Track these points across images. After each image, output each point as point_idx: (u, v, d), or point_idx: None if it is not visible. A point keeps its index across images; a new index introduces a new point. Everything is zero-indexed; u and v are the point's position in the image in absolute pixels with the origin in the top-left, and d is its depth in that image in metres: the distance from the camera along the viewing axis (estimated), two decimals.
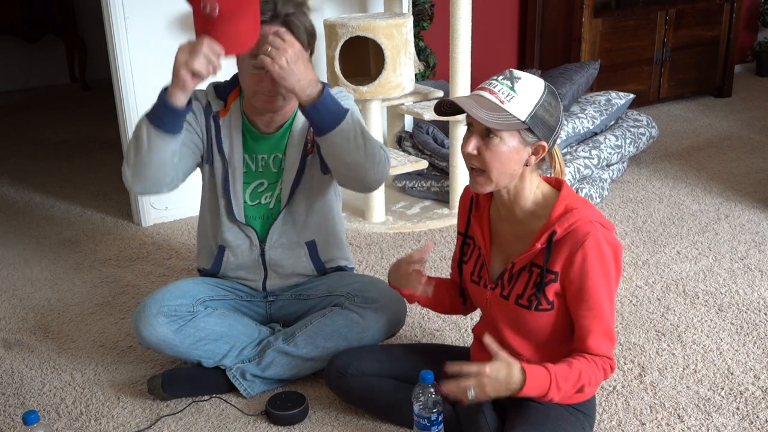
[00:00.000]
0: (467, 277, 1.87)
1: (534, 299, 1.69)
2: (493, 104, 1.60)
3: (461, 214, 1.89)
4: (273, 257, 2.21)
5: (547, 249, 1.66)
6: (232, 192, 2.16)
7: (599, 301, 1.65)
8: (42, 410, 2.13)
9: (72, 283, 2.89)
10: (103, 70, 4.72)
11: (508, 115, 1.60)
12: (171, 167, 2.01)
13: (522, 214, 1.72)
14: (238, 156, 2.15)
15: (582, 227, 1.63)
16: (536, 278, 1.69)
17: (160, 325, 2.06)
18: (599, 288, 1.64)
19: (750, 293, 2.62)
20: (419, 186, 3.58)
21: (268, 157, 2.16)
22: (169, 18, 3.25)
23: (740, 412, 2.01)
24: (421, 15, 4.11)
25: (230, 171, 2.15)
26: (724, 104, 5.10)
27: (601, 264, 1.64)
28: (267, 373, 2.13)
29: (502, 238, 1.78)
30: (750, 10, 5.76)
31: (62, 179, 4.11)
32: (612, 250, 1.65)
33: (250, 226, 2.19)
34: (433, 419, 1.82)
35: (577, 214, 1.64)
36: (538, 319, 1.71)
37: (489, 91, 1.62)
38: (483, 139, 1.64)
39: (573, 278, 1.65)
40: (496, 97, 1.61)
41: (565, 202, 1.67)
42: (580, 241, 1.62)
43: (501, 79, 1.63)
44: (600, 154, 3.53)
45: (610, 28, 4.66)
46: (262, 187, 2.18)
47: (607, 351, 1.68)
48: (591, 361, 1.66)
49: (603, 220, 1.67)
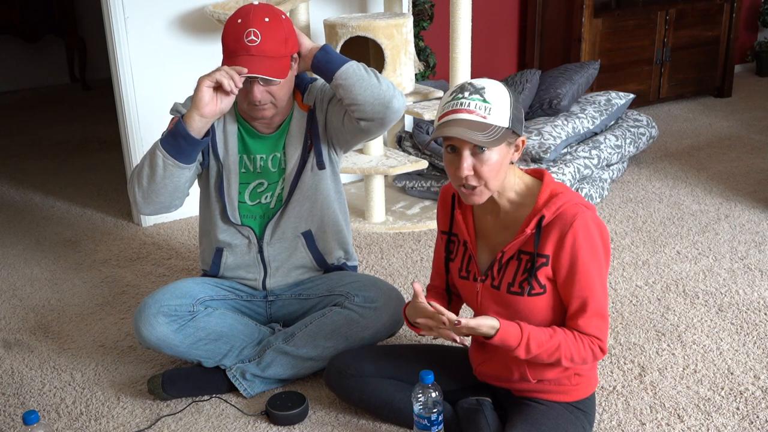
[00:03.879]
0: (455, 273, 1.87)
1: (526, 285, 1.70)
2: (479, 123, 1.61)
3: (442, 214, 1.90)
4: (271, 253, 2.21)
5: (537, 233, 1.68)
6: (226, 195, 2.16)
7: (590, 282, 1.67)
8: (42, 410, 2.13)
9: (72, 283, 2.89)
10: (103, 70, 4.72)
11: (495, 128, 1.62)
12: (183, 191, 2.08)
13: (508, 205, 1.75)
14: (233, 158, 2.15)
15: (569, 210, 1.66)
16: (526, 264, 1.71)
17: (160, 325, 2.06)
18: (590, 268, 1.66)
19: (750, 293, 2.62)
20: (419, 186, 3.58)
21: (267, 157, 2.17)
22: (169, 18, 3.25)
23: (740, 412, 2.01)
24: (421, 15, 4.12)
25: (225, 174, 2.15)
26: (724, 104, 5.10)
27: (591, 244, 1.66)
28: (267, 373, 2.14)
29: (488, 230, 1.79)
30: (750, 10, 5.76)
31: (62, 179, 4.11)
32: (599, 230, 1.69)
33: (247, 225, 2.19)
34: (433, 419, 1.82)
35: (563, 198, 1.67)
36: (532, 305, 1.71)
37: (466, 111, 1.62)
38: (475, 157, 1.64)
39: (564, 261, 1.67)
40: (477, 114, 1.61)
41: (549, 188, 1.70)
42: (569, 224, 1.65)
43: (468, 95, 1.63)
44: (600, 154, 3.52)
45: (610, 28, 4.66)
46: (262, 187, 2.18)
47: (598, 331, 1.69)
48: (578, 339, 1.68)
49: (586, 202, 1.70)
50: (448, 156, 1.68)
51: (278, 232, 2.20)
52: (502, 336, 1.65)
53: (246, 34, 1.97)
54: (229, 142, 2.14)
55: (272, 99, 2.05)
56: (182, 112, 2.08)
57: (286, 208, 2.18)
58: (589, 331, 1.68)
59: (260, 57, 1.97)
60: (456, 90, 1.65)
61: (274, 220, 2.19)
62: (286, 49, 2.02)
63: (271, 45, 1.98)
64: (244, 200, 2.19)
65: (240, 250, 2.22)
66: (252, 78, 1.99)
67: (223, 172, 2.15)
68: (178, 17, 3.26)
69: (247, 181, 2.18)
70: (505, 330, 1.65)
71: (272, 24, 2.00)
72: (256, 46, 1.97)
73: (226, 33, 2.01)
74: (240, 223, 2.18)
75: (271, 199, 2.19)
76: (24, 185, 4.04)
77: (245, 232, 2.19)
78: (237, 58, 1.97)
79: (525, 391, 1.83)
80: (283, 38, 2.01)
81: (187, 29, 3.29)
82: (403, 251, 3.06)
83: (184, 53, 3.30)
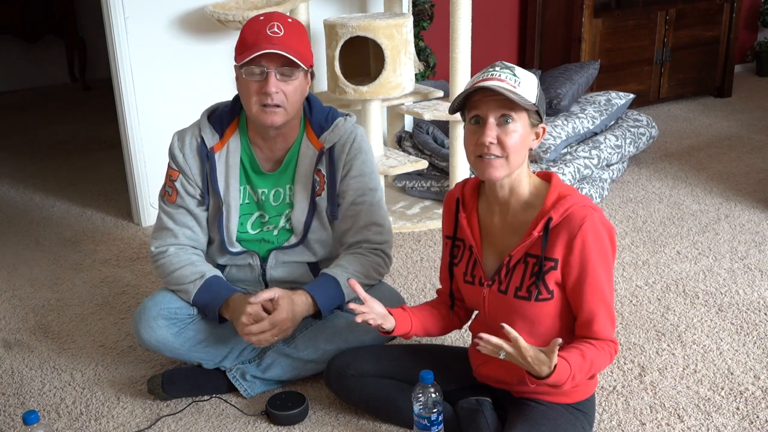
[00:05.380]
0: (460, 278, 1.87)
1: (534, 289, 1.70)
2: (509, 90, 1.63)
3: (447, 218, 1.89)
4: (274, 276, 2.18)
5: (545, 236, 1.67)
6: (225, 229, 2.11)
7: (601, 285, 1.67)
8: (42, 410, 2.13)
9: (72, 283, 2.89)
10: (103, 70, 4.72)
11: (523, 98, 1.64)
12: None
13: (517, 206, 1.74)
14: (234, 193, 2.09)
15: (578, 212, 1.65)
16: (533, 268, 1.70)
17: (160, 328, 2.05)
18: (599, 271, 1.67)
19: (750, 293, 2.62)
20: (419, 186, 3.58)
21: (269, 192, 2.12)
22: (169, 18, 3.25)
23: (740, 412, 2.01)
24: (421, 15, 4.12)
25: (224, 210, 2.09)
26: (724, 104, 5.10)
27: (600, 248, 1.66)
28: (267, 375, 2.13)
29: (494, 234, 1.79)
30: (750, 10, 5.76)
31: (62, 179, 4.11)
32: (607, 231, 1.69)
33: (252, 250, 2.15)
34: (433, 419, 1.82)
35: (571, 199, 1.67)
36: (539, 310, 1.71)
37: (497, 79, 1.64)
38: (500, 127, 1.66)
39: (574, 264, 1.66)
40: (507, 83, 1.64)
41: (557, 190, 1.70)
42: (577, 227, 1.65)
43: (499, 69, 1.67)
44: (600, 154, 3.52)
45: (610, 28, 4.66)
46: (264, 219, 2.14)
47: (611, 334, 1.71)
48: (600, 348, 1.69)
49: (593, 205, 1.70)
50: (471, 128, 1.69)
51: (284, 259, 2.16)
52: (556, 378, 1.61)
53: (269, 27, 1.91)
54: (231, 175, 2.08)
55: (284, 101, 1.95)
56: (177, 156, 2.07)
57: (296, 247, 2.14)
58: (604, 336, 1.69)
59: (282, 47, 1.89)
60: (487, 67, 1.69)
61: (280, 250, 2.14)
62: (306, 52, 1.97)
63: (293, 41, 1.92)
64: (246, 230, 2.13)
65: (242, 269, 2.18)
66: (268, 71, 1.91)
67: (223, 207, 2.09)
68: (178, 17, 3.26)
69: (249, 212, 2.13)
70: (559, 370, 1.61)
71: (296, 24, 1.97)
72: (279, 37, 1.90)
73: (246, 29, 1.95)
74: (240, 250, 2.14)
75: (274, 229, 2.14)
76: (24, 185, 4.04)
77: (248, 256, 2.15)
78: (257, 47, 1.88)
79: (525, 392, 1.83)
80: (306, 41, 1.98)
81: (187, 29, 3.29)
82: (403, 251, 3.06)
83: (184, 53, 3.30)
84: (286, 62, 1.91)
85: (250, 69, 1.92)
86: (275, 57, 1.90)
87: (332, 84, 3.18)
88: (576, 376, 1.64)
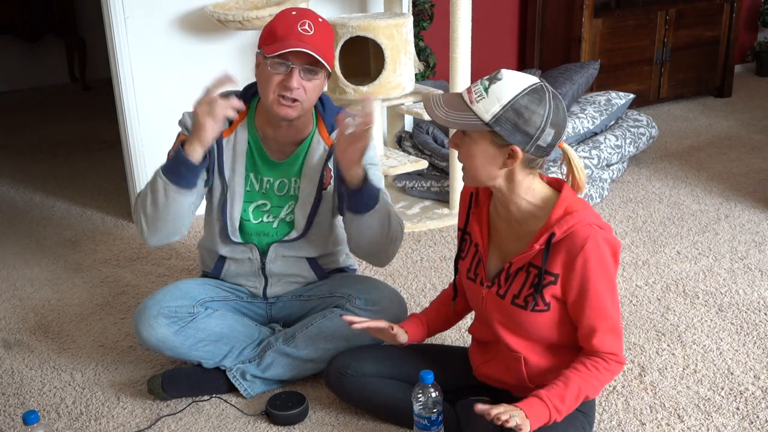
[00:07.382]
0: (463, 273, 1.87)
1: (531, 300, 1.69)
2: (461, 103, 1.62)
3: (461, 210, 1.89)
4: (273, 269, 2.19)
5: (546, 250, 1.65)
6: (228, 215, 2.12)
7: (602, 302, 1.65)
8: (42, 410, 2.13)
9: (72, 283, 2.89)
10: (103, 70, 4.71)
11: (471, 116, 1.60)
12: (188, 217, 2.05)
13: (519, 214, 1.72)
14: (239, 178, 2.11)
15: (581, 231, 1.62)
16: (533, 279, 1.69)
17: (160, 327, 2.06)
18: (601, 289, 1.64)
19: (750, 293, 2.62)
20: (419, 186, 3.58)
21: (274, 181, 2.13)
22: (169, 18, 3.25)
23: (740, 412, 2.01)
24: (421, 15, 4.11)
25: (228, 195, 2.11)
26: (724, 104, 5.10)
27: (602, 267, 1.64)
28: (267, 374, 2.13)
29: (500, 236, 1.78)
30: (750, 10, 5.76)
31: (62, 179, 4.11)
32: (611, 249, 1.65)
33: (251, 242, 2.16)
34: (433, 419, 1.82)
35: (576, 216, 1.63)
36: (534, 319, 1.71)
37: (468, 90, 1.64)
38: (461, 137, 1.66)
39: (574, 283, 1.64)
40: (470, 96, 1.62)
41: (565, 204, 1.66)
42: (579, 246, 1.62)
43: (485, 79, 1.63)
44: (600, 154, 3.53)
45: (610, 28, 4.66)
46: (266, 207, 2.15)
47: (614, 347, 1.67)
48: (591, 368, 1.66)
49: (601, 222, 1.66)
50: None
51: (283, 253, 2.17)
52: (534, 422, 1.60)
53: (300, 24, 1.95)
54: (237, 161, 2.10)
55: (303, 97, 1.97)
56: (189, 124, 2.06)
57: (296, 241, 2.15)
58: (604, 349, 1.67)
59: (311, 47, 1.93)
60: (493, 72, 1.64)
61: (280, 243, 2.16)
62: (331, 53, 2.01)
63: (321, 42, 1.96)
64: (248, 218, 2.15)
65: (242, 263, 2.20)
66: (293, 66, 1.94)
67: (227, 192, 2.11)
68: (178, 17, 3.26)
69: (251, 199, 2.14)
70: (534, 415, 1.60)
71: (325, 24, 2.01)
72: (309, 36, 1.94)
73: (278, 21, 1.98)
74: (240, 241, 2.15)
75: (273, 220, 2.16)
76: (24, 185, 4.04)
77: (247, 249, 2.17)
78: (287, 42, 1.92)
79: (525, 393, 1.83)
80: (331, 42, 2.02)
81: (187, 29, 3.29)
82: (402, 251, 3.05)
83: (184, 53, 3.30)
84: (312, 61, 1.95)
85: (275, 62, 1.95)
86: (302, 55, 1.93)
87: (332, 84, 3.18)
88: (559, 407, 1.62)
